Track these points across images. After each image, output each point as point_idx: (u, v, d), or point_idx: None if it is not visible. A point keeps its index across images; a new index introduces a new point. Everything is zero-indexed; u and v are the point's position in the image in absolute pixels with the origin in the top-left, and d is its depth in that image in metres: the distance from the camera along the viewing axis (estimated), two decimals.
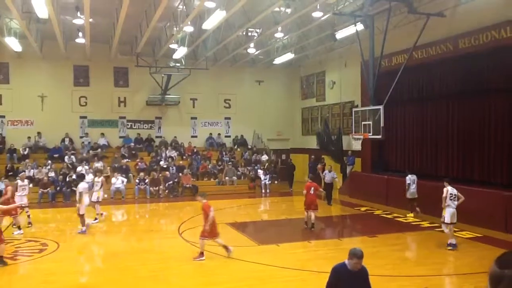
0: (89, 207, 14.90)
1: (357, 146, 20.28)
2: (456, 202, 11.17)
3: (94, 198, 15.46)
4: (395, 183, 17.83)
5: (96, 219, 15.41)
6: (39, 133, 23.56)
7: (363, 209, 17.66)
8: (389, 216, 15.92)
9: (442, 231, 11.80)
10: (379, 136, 16.82)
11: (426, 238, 12.72)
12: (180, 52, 21.42)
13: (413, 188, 15.49)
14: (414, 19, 16.86)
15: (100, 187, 15.78)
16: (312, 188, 13.61)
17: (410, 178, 15.64)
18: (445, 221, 11.21)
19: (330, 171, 19.06)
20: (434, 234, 13.00)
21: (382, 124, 16.39)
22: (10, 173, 20.77)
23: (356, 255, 5.45)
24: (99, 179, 15.95)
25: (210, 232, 10.48)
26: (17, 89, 23.33)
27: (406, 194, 15.57)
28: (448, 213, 11.11)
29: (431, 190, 15.61)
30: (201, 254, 10.46)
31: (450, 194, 11.20)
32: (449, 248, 11.06)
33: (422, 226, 14.12)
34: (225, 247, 10.70)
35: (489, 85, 15.12)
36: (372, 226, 14.75)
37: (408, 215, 15.70)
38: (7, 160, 21.85)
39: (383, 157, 20.32)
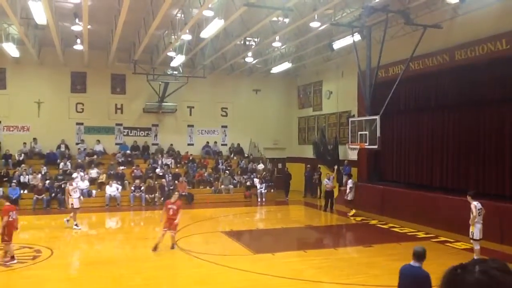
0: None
1: (353, 156, 20.31)
2: (482, 217, 10.80)
3: (77, 204, 15.44)
4: (391, 193, 17.85)
5: (77, 225, 15.34)
6: (35, 139, 23.47)
7: (358, 218, 17.64)
8: (384, 226, 15.90)
9: (442, 242, 11.73)
10: (375, 146, 16.85)
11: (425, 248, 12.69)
12: (178, 60, 21.47)
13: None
14: (411, 30, 17.00)
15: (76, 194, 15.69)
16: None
17: (352, 183, 18.49)
18: (474, 238, 10.78)
19: (329, 179, 19.25)
20: (430, 244, 12.96)
21: (378, 134, 16.42)
22: (4, 179, 20.68)
23: (414, 253, 5.76)
24: (73, 186, 15.86)
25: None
26: (13, 95, 23.26)
27: (348, 197, 18.53)
28: (477, 229, 10.72)
29: (427, 201, 15.67)
30: None
31: (479, 209, 10.80)
32: None
33: (418, 236, 14.10)
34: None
35: (485, 96, 15.20)
36: (367, 236, 14.72)
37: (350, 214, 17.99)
38: (2, 165, 21.74)
39: (379, 167, 20.34)
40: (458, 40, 15.54)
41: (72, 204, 15.37)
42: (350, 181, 18.97)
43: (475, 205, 10.88)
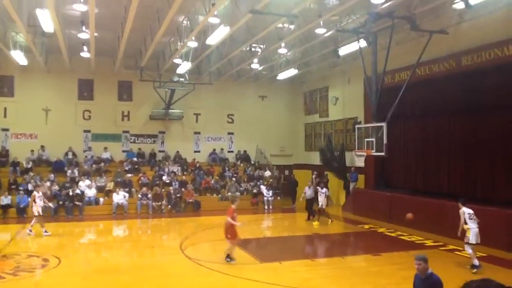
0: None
1: (360, 162, 20.21)
2: (476, 221, 10.85)
3: (41, 211, 15.46)
4: (398, 200, 17.72)
5: (31, 231, 15.32)
6: (42, 146, 23.58)
7: (366, 226, 17.52)
8: (392, 234, 15.78)
9: (451, 250, 11.62)
10: (382, 153, 16.75)
11: (431, 257, 12.52)
12: (184, 67, 21.52)
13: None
14: (417, 36, 16.94)
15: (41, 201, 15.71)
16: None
17: (324, 191, 17.97)
18: (469, 242, 10.78)
19: (309, 187, 18.93)
20: (439, 253, 12.86)
21: (385, 141, 16.32)
22: (12, 186, 20.76)
23: (416, 256, 5.89)
24: (39, 193, 15.85)
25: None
26: (21, 102, 23.41)
27: (322, 205, 17.87)
28: (473, 234, 10.74)
29: (435, 207, 15.54)
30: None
31: (468, 214, 10.91)
32: (474, 270, 10.60)
33: (426, 244, 13.97)
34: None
35: (492, 102, 15.10)
36: (375, 244, 14.61)
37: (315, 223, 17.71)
38: (10, 173, 21.84)
39: (386, 173, 20.23)
40: (464, 46, 15.49)
41: (38, 212, 15.36)
42: (324, 189, 18.26)
43: (463, 211, 11.00)
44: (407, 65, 17.52)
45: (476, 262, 10.73)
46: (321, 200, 17.86)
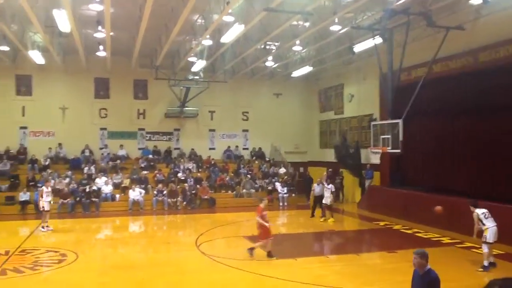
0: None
1: (375, 159, 20.12)
2: (492, 219, 10.62)
3: (47, 207, 15.58)
4: (414, 197, 17.60)
5: (43, 227, 15.48)
6: (60, 144, 23.95)
7: (381, 223, 17.44)
8: (408, 232, 15.68)
9: (468, 248, 11.48)
10: (398, 150, 16.65)
11: (447, 254, 12.46)
12: (199, 65, 21.63)
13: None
14: (433, 32, 16.73)
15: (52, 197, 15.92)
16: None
17: (330, 187, 17.81)
18: (487, 241, 10.53)
19: (318, 184, 18.77)
20: (455, 250, 12.77)
21: (401, 138, 16.23)
22: (31, 183, 21.12)
23: (415, 251, 5.79)
24: (48, 189, 15.98)
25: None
26: (39, 101, 23.81)
27: (327, 201, 17.64)
28: (490, 232, 10.50)
29: (451, 205, 15.38)
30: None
31: (483, 213, 10.69)
32: (481, 269, 10.49)
33: (443, 242, 13.87)
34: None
35: (510, 99, 14.86)
36: (391, 241, 14.55)
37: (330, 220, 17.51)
38: (29, 170, 22.21)
39: (401, 171, 20.09)
40: (481, 42, 15.30)
41: (43, 207, 15.52)
42: (330, 185, 18.05)
43: (477, 213, 10.73)
44: (423, 62, 17.36)
45: (486, 263, 10.55)
46: (327, 196, 17.73)
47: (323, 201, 17.85)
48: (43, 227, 15.50)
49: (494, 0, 13.48)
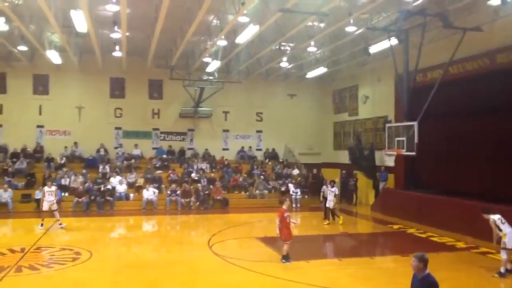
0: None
1: (390, 162, 19.94)
2: (508, 224, 10.38)
3: (45, 207, 15.69)
4: (428, 200, 17.42)
5: (60, 224, 15.71)
6: (75, 143, 24.21)
7: (395, 227, 17.28)
8: (423, 235, 15.51)
9: (483, 253, 11.28)
10: (413, 153, 16.49)
11: (462, 259, 12.31)
12: (213, 65, 21.69)
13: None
14: (450, 33, 16.55)
15: (55, 196, 15.97)
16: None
17: (334, 189, 17.62)
18: (506, 247, 10.27)
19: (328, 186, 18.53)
20: (470, 255, 12.59)
21: (416, 141, 16.08)
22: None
23: (414, 255, 5.71)
24: (51, 188, 16.10)
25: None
26: (56, 100, 24.13)
27: (329, 205, 17.48)
28: (509, 238, 10.23)
29: (467, 208, 15.19)
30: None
31: (499, 219, 10.45)
32: (495, 275, 10.30)
33: (458, 246, 13.68)
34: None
35: None
36: (405, 245, 14.41)
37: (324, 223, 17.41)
38: (45, 168, 22.48)
39: (416, 173, 19.87)
40: (499, 43, 15.09)
41: (41, 206, 15.74)
42: (334, 188, 17.77)
43: (492, 219, 10.47)
44: (440, 63, 17.19)
45: (503, 269, 10.32)
46: (331, 199, 17.56)
47: (326, 204, 17.73)
48: (41, 224, 15.68)
49: None
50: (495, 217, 10.54)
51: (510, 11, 14.37)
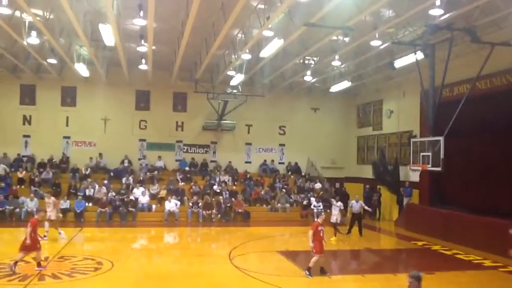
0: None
1: (415, 177, 19.56)
2: None
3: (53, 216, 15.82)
4: (454, 217, 17.02)
5: (44, 236, 15.34)
6: (100, 154, 24.58)
7: (419, 243, 16.92)
8: (448, 252, 15.14)
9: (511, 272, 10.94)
10: (439, 168, 16.16)
11: (489, 278, 11.95)
12: (237, 79, 21.83)
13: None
14: (477, 48, 16.30)
15: (53, 208, 15.98)
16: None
17: (339, 204, 17.54)
18: None
19: (357, 201, 18.32)
20: (497, 274, 12.22)
21: (442, 156, 15.74)
22: (72, 191, 21.71)
23: (411, 275, 5.93)
24: (49, 200, 16.21)
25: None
26: (82, 112, 24.64)
27: (337, 220, 17.26)
28: None
29: (494, 226, 14.80)
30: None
31: None
32: None
33: (485, 265, 13.31)
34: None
35: None
36: (429, 262, 14.07)
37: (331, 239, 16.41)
38: (70, 179, 22.87)
39: (441, 189, 19.47)
40: None
41: (50, 216, 15.76)
42: (339, 203, 17.73)
43: None
44: (467, 78, 16.89)
45: None
46: (335, 214, 17.30)
47: (331, 219, 17.37)
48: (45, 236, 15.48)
49: None
50: None
51: None
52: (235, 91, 24.45)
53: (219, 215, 21.82)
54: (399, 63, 18.30)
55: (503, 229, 14.07)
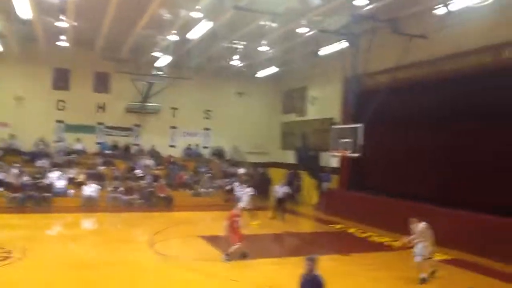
0: None
1: (335, 163, 20.29)
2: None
3: None
4: (369, 201, 17.82)
5: None
6: (13, 135, 22.95)
7: (337, 226, 17.59)
8: (363, 235, 15.88)
9: None
10: (358, 154, 16.81)
11: (397, 258, 12.65)
12: (164, 60, 21.25)
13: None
14: (400, 40, 16.91)
15: None
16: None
17: (249, 190, 17.97)
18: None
19: (281, 186, 18.74)
20: (405, 254, 12.93)
21: (361, 143, 16.39)
22: None
23: (307, 257, 6.40)
24: None
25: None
26: None
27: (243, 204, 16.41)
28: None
29: (405, 209, 15.60)
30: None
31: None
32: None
33: (395, 246, 14.01)
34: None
35: (471, 109, 15.09)
36: (345, 244, 14.69)
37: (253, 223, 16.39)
38: None
39: (361, 175, 20.27)
40: (445, 52, 15.57)
41: None
42: (249, 188, 18.23)
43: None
44: (388, 68, 17.54)
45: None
46: (245, 199, 17.34)
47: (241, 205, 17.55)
48: None
49: (457, 11, 13.75)
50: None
51: (455, 20, 14.81)
52: (161, 72, 23.77)
53: (141, 200, 21.28)
54: (324, 51, 18.70)
55: (413, 211, 14.88)
